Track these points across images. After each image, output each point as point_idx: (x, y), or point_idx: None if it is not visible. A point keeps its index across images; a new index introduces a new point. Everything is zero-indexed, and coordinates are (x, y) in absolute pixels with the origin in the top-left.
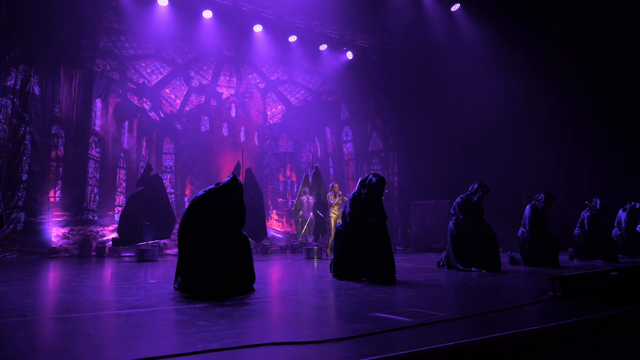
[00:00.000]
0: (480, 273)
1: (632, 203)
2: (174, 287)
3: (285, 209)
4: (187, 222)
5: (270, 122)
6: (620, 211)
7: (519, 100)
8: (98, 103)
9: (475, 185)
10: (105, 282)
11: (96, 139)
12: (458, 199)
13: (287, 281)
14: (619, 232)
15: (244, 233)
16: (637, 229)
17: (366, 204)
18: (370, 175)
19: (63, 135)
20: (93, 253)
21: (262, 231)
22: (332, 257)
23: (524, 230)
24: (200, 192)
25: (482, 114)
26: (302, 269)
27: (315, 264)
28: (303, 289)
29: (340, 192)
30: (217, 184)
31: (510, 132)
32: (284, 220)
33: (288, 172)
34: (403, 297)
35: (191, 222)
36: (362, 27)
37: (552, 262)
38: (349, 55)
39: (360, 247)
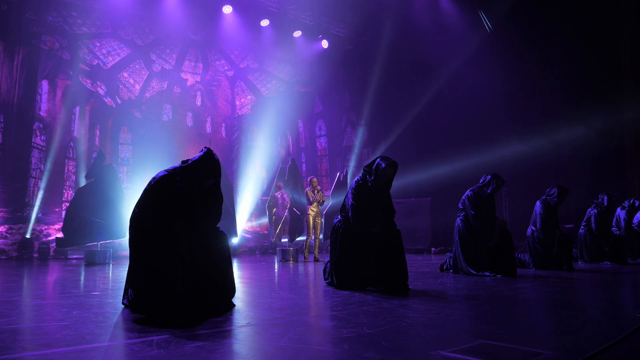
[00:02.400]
0: (495, 278)
1: (632, 200)
2: (123, 303)
3: (255, 206)
4: (142, 213)
5: (239, 113)
6: (619, 209)
7: (502, 95)
8: (44, 85)
9: (488, 177)
10: (32, 294)
11: (41, 126)
12: (468, 192)
13: (274, 292)
14: (618, 232)
15: (221, 229)
16: (632, 225)
17: (372, 195)
18: (378, 159)
19: (2, 120)
20: (35, 255)
21: (232, 229)
22: (326, 260)
23: (534, 229)
24: (162, 172)
25: (463, 109)
26: (283, 274)
27: (292, 267)
28: (301, 305)
29: (319, 187)
30: (184, 162)
31: (492, 127)
32: (253, 218)
33: (258, 167)
34: (446, 317)
35: (147, 213)
36: (338, 15)
37: (566, 265)
38: (324, 44)
39: (365, 249)
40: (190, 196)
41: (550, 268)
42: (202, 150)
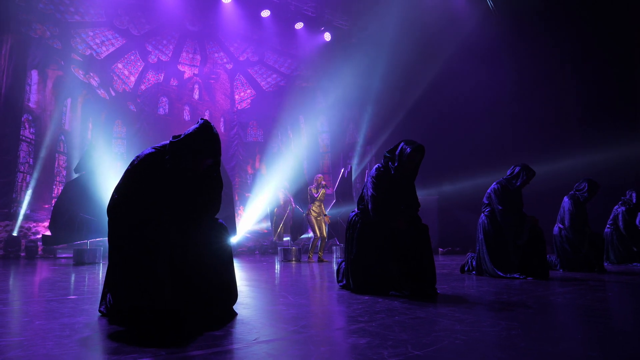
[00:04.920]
0: (526, 280)
1: None
2: (100, 310)
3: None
4: (122, 200)
5: (239, 108)
6: None
7: (511, 91)
8: (34, 75)
9: (517, 168)
10: None
11: (30, 118)
12: (494, 185)
13: (282, 297)
14: None
15: (220, 221)
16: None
17: (396, 184)
18: (402, 143)
19: None
20: (22, 254)
21: (231, 227)
22: (340, 260)
23: (561, 227)
24: (148, 150)
25: (471, 106)
26: (287, 275)
27: (295, 268)
28: (318, 314)
29: (324, 183)
30: (175, 137)
31: (501, 124)
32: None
33: (257, 164)
34: (505, 331)
35: (129, 200)
36: (341, 7)
37: (597, 266)
38: (327, 36)
39: (387, 246)
40: (183, 179)
41: (579, 269)
42: (198, 122)
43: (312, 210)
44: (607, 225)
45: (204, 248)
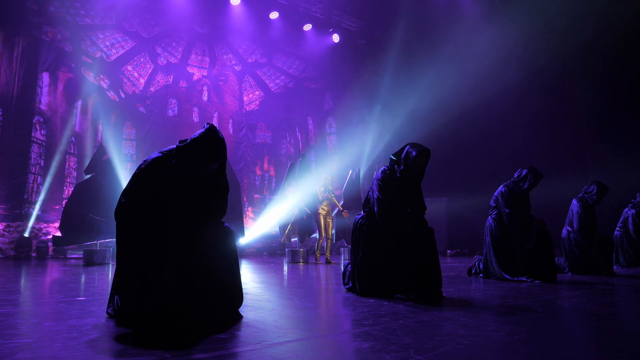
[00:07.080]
0: (533, 284)
1: None
2: (108, 312)
3: (263, 206)
4: (129, 204)
5: (247, 109)
6: None
7: (522, 93)
8: (45, 77)
9: (525, 171)
10: (4, 300)
11: (41, 120)
12: (502, 188)
13: (288, 299)
14: None
15: (226, 225)
16: None
17: (401, 187)
18: (408, 147)
19: (0, 114)
20: (33, 254)
21: (239, 229)
22: (346, 262)
23: (570, 229)
24: (155, 154)
25: (481, 105)
26: (294, 277)
27: (303, 269)
28: (323, 317)
29: (331, 188)
30: (182, 141)
31: (512, 123)
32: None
33: (266, 165)
34: (509, 336)
35: (136, 204)
36: (350, 8)
37: (606, 270)
38: (335, 38)
39: (393, 249)
40: (189, 183)
41: (588, 273)
42: (204, 126)
43: (322, 208)
44: (617, 228)
45: (210, 251)
